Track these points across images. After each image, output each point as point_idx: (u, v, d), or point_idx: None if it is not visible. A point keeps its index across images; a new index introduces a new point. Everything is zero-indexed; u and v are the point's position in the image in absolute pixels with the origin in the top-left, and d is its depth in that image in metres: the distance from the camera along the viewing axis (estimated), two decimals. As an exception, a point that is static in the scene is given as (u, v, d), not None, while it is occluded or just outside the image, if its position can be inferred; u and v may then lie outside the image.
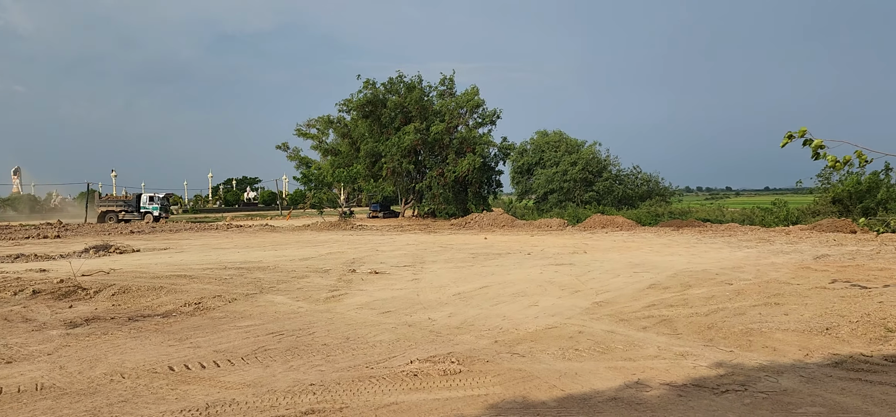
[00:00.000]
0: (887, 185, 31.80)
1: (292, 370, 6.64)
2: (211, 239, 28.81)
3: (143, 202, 49.43)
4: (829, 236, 24.58)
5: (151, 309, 10.17)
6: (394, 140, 46.00)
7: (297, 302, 10.92)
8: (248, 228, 38.44)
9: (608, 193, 45.62)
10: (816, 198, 35.13)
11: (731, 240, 23.60)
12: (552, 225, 34.53)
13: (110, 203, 50.20)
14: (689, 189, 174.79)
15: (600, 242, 23.89)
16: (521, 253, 19.53)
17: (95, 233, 33.48)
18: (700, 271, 14.30)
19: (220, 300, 10.96)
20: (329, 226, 38.79)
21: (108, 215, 48.31)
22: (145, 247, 23.35)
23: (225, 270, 15.41)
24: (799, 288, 11.58)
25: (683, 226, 31.67)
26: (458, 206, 46.87)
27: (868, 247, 19.47)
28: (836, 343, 7.52)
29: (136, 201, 49.76)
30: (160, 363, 6.92)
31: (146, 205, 49.22)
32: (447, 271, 15.18)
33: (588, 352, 7.24)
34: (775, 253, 18.18)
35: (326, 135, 55.80)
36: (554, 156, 47.28)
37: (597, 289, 11.97)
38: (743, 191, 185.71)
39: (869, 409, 5.27)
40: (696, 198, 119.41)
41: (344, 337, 8.17)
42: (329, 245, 24.01)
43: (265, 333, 8.40)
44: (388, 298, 11.24)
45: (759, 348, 7.34)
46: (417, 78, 48.39)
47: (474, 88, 48.19)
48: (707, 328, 8.40)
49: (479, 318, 9.32)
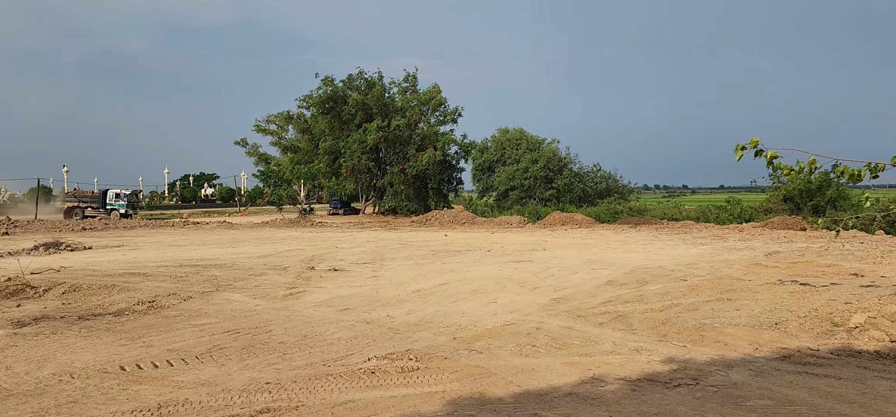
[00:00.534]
0: (837, 185, 32.75)
1: (248, 368, 6.56)
2: (166, 236, 28.27)
3: (109, 198, 48.58)
4: (780, 233, 25.23)
5: (103, 308, 9.93)
6: (355, 137, 45.72)
7: (255, 299, 10.79)
8: (205, 225, 37.82)
9: (568, 191, 46.06)
10: (769, 197, 36.04)
11: (687, 238, 24.06)
12: (512, 222, 34.74)
13: (76, 198, 49.20)
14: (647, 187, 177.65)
15: (560, 239, 24.12)
16: (480, 251, 19.61)
17: (46, 230, 32.55)
18: (656, 268, 14.54)
19: (175, 298, 10.77)
20: (288, 224, 38.38)
21: (74, 211, 47.34)
22: (98, 245, 22.80)
23: (180, 268, 15.14)
24: (750, 284, 11.86)
25: (641, 224, 32.18)
26: (418, 203, 46.82)
27: (817, 244, 20.04)
28: (785, 337, 7.73)
29: (102, 197, 48.88)
30: (111, 362, 6.77)
31: (112, 201, 48.40)
32: (407, 268, 15.17)
33: (545, 348, 7.31)
34: (729, 250, 18.59)
35: (286, 132, 55.21)
36: (515, 154, 47.54)
37: (555, 286, 12.08)
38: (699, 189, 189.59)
39: (814, 401, 5.43)
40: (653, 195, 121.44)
41: (301, 334, 8.10)
42: (288, 242, 23.77)
43: (221, 331, 8.28)
44: (346, 295, 11.18)
45: (711, 343, 7.50)
46: (378, 74, 48.20)
47: (436, 87, 48.18)
48: (661, 323, 8.55)
49: (437, 315, 9.34)
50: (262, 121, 56.12)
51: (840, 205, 32.03)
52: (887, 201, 27.72)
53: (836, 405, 5.33)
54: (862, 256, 16.35)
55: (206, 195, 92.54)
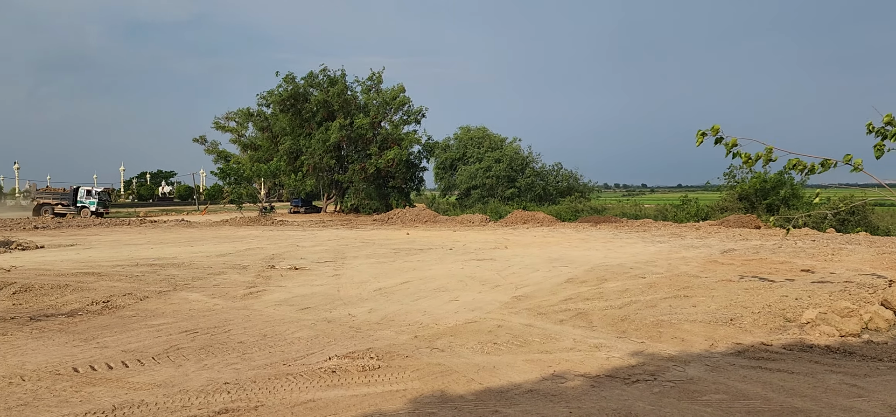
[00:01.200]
0: (791, 182, 33.62)
1: (206, 369, 6.45)
2: (122, 235, 27.66)
3: (80, 195, 47.50)
4: (735, 231, 25.80)
5: (55, 309, 9.68)
6: (317, 135, 45.32)
7: (213, 299, 10.63)
8: (162, 224, 37.13)
9: (530, 189, 46.37)
10: (724, 195, 36.80)
11: (646, 236, 24.44)
12: (474, 220, 34.86)
13: (46, 195, 48.24)
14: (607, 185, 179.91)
15: (521, 237, 24.28)
16: (442, 249, 19.62)
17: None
18: (616, 265, 14.73)
19: (131, 298, 10.54)
20: (248, 222, 37.89)
21: (44, 208, 46.45)
22: (50, 244, 22.20)
23: (137, 267, 14.83)
24: (707, 281, 12.10)
25: (601, 222, 32.59)
26: (380, 202, 46.65)
27: (771, 242, 20.53)
28: (740, 333, 7.90)
29: (72, 195, 47.82)
30: (64, 364, 6.60)
31: (83, 199, 47.41)
32: (368, 267, 15.10)
33: (506, 346, 7.34)
34: (686, 248, 18.94)
35: (246, 129, 54.47)
36: (477, 153, 47.67)
37: (516, 284, 12.16)
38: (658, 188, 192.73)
39: (768, 395, 5.55)
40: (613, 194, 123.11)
41: (261, 334, 8.01)
42: (248, 241, 23.47)
43: (178, 331, 8.13)
44: (307, 294, 11.08)
45: (669, 339, 7.63)
46: (341, 72, 47.86)
47: (400, 86, 48.01)
48: (621, 320, 8.66)
49: (399, 314, 9.31)
50: (222, 118, 55.32)
51: (793, 204, 32.88)
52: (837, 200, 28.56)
53: (789, 398, 5.47)
54: (814, 253, 16.81)
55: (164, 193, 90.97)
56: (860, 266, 14.24)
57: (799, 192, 33.99)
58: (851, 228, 27.44)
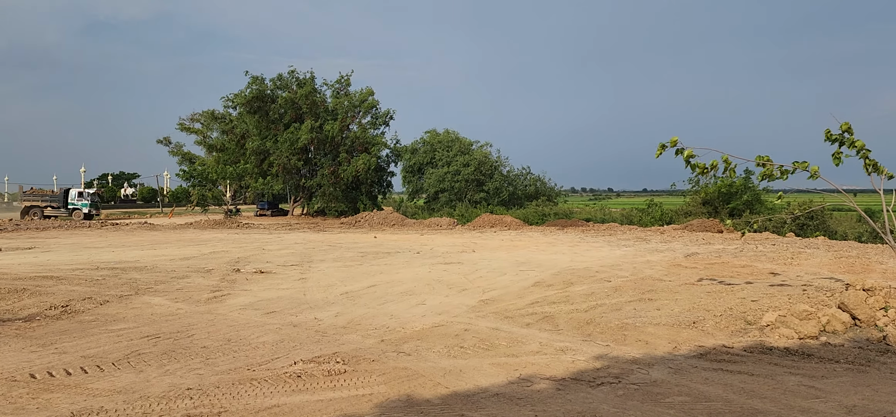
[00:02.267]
0: (753, 189, 34.27)
1: (168, 374, 6.34)
2: (83, 237, 27.07)
3: (71, 197, 46.40)
4: (699, 235, 26.22)
5: (11, 313, 9.42)
6: (285, 136, 44.93)
7: (176, 303, 10.45)
8: (124, 226, 36.43)
9: (498, 193, 46.58)
10: (688, 200, 37.39)
11: (612, 239, 24.70)
12: (442, 224, 34.89)
13: (35, 197, 46.70)
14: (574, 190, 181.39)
15: (489, 241, 24.36)
16: (410, 252, 19.59)
17: (-51, 231, 30.67)
18: (582, 269, 14.86)
19: (91, 302, 10.32)
20: (213, 225, 37.39)
21: (33, 210, 45.07)
22: (7, 247, 21.63)
23: (97, 271, 14.53)
24: (670, 284, 12.27)
25: (568, 226, 32.85)
26: (348, 205, 46.45)
27: (733, 246, 20.91)
28: (702, 335, 8.02)
29: (63, 196, 46.55)
30: (20, 370, 6.43)
31: (75, 200, 46.25)
32: (335, 270, 15.00)
33: (473, 350, 7.36)
34: (651, 252, 19.18)
35: (211, 131, 53.80)
36: (445, 156, 47.73)
37: (483, 288, 12.19)
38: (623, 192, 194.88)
39: (729, 397, 5.65)
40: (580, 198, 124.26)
41: (225, 338, 7.90)
42: (213, 244, 23.15)
43: (140, 336, 7.98)
44: (273, 298, 10.97)
45: (633, 342, 7.72)
46: (310, 74, 47.53)
47: (369, 89, 47.86)
48: (586, 323, 8.74)
49: (366, 317, 9.27)
50: (187, 119, 54.67)
51: (756, 209, 33.53)
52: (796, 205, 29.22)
53: (749, 400, 5.56)
54: (774, 257, 17.15)
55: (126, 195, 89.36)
56: (819, 269, 14.58)
57: (762, 197, 34.69)
58: (810, 232, 28.11)
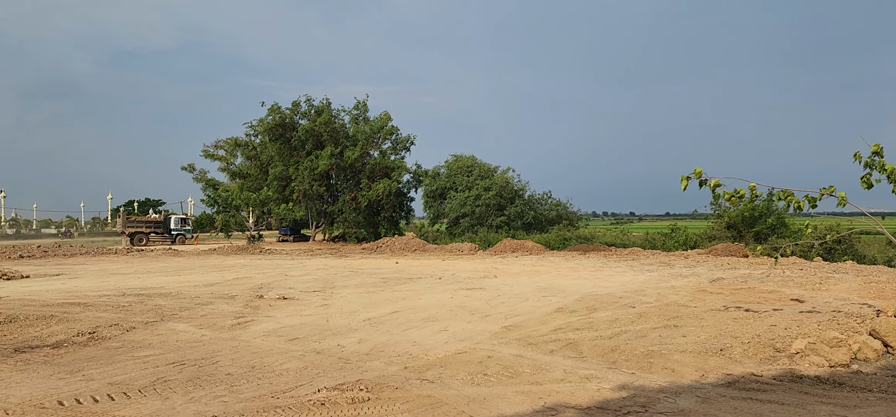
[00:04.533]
0: (777, 213, 33.82)
1: (193, 401, 6.37)
2: (109, 264, 27.42)
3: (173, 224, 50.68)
4: (723, 260, 25.90)
5: (40, 340, 9.55)
6: (306, 163, 45.33)
7: (201, 329, 10.52)
8: (150, 252, 36.83)
9: (519, 218, 46.46)
10: (712, 224, 36.97)
11: (635, 264, 24.49)
12: (463, 249, 34.83)
13: (140, 224, 49.83)
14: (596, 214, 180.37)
15: (510, 266, 24.27)
16: (432, 278, 19.57)
17: (-20, 258, 31.25)
18: (605, 294, 14.74)
19: (117, 329, 10.43)
20: (236, 250, 37.70)
21: (137, 236, 47.86)
22: (36, 273, 21.98)
23: (123, 297, 14.69)
24: (696, 310, 12.12)
25: (590, 250, 32.64)
26: (369, 230, 46.58)
27: (759, 271, 20.62)
28: (730, 363, 7.90)
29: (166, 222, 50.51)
30: (48, 397, 6.50)
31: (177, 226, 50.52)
32: (357, 296, 15.03)
33: (496, 377, 7.30)
34: (675, 277, 18.98)
35: (234, 157, 54.44)
36: (466, 181, 47.76)
37: (506, 313, 12.12)
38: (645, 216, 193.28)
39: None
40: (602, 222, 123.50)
41: (249, 365, 7.93)
42: (236, 270, 23.32)
43: (165, 363, 8.04)
44: (296, 325, 11.00)
45: (660, 369, 7.62)
46: (326, 101, 47.96)
47: (386, 115, 48.17)
48: (611, 350, 8.65)
49: (389, 344, 9.25)
50: (211, 146, 55.41)
51: (781, 232, 33.07)
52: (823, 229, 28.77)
53: (780, 429, 5.46)
54: (802, 282, 16.89)
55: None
56: (848, 295, 14.32)
57: (786, 221, 34.21)
58: (838, 257, 27.64)
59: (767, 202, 33.20)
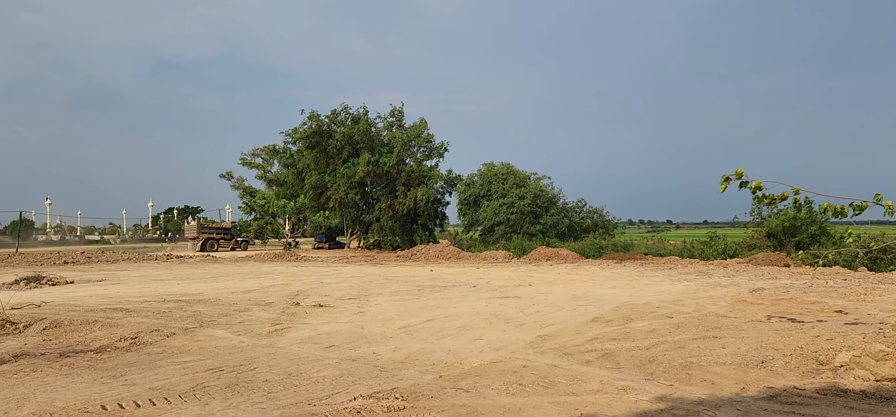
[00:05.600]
0: (820, 221, 33.06)
1: (232, 408, 6.46)
2: (150, 270, 27.98)
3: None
4: (764, 269, 25.40)
5: (84, 345, 9.78)
6: (342, 171, 45.73)
7: (239, 336, 10.67)
8: (188, 259, 37.49)
9: (553, 226, 46.19)
10: (752, 232, 36.30)
11: (672, 273, 24.15)
12: (498, 257, 34.74)
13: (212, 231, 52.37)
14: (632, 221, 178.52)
15: (545, 275, 24.13)
16: (466, 286, 19.56)
17: (27, 264, 32.15)
18: (642, 304, 14.56)
19: (158, 334, 10.63)
20: (273, 257, 38.17)
21: (210, 242, 50.43)
22: (80, 279, 22.53)
23: (164, 303, 14.98)
24: (736, 321, 11.90)
25: (626, 259, 32.29)
26: (404, 238, 46.74)
27: (801, 281, 20.17)
28: (771, 376, 7.74)
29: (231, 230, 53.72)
30: (92, 401, 6.65)
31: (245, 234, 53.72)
32: (392, 304, 15.09)
33: (532, 387, 7.27)
34: (713, 286, 18.67)
35: (271, 165, 55.15)
36: (501, 189, 47.67)
37: (541, 323, 12.06)
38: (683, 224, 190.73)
39: (802, 442, 5.42)
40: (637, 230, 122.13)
41: (286, 372, 8.01)
42: (272, 277, 23.60)
43: (204, 369, 8.17)
44: (332, 332, 11.09)
45: (698, 381, 7.50)
46: (362, 109, 48.37)
47: (423, 122, 48.40)
48: (648, 361, 8.54)
49: (424, 352, 9.27)
50: (248, 154, 56.16)
51: (823, 241, 32.31)
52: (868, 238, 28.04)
53: (824, 445, 5.33)
54: (845, 293, 16.47)
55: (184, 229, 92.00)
56: (894, 306, 13.92)
57: (828, 229, 33.41)
58: (884, 267, 26.90)
59: (809, 210, 32.50)
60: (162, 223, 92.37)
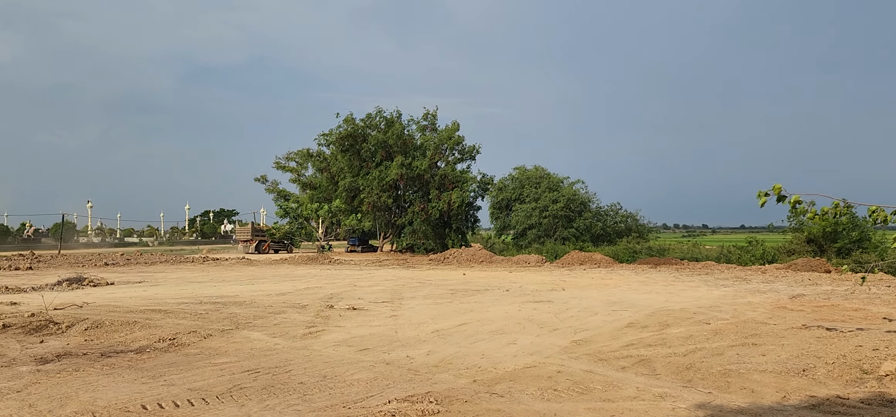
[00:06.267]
0: (862, 226, 32.21)
1: (268, 409, 6.52)
2: (187, 272, 28.44)
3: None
4: (804, 275, 24.87)
5: (125, 345, 9.97)
6: (375, 174, 45.98)
7: (274, 338, 10.78)
8: (224, 261, 38.02)
9: (587, 230, 45.80)
10: (791, 238, 35.55)
11: (709, 279, 23.78)
12: (530, 261, 34.58)
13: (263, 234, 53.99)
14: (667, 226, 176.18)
15: (578, 279, 23.94)
16: (499, 290, 19.50)
17: (69, 265, 32.91)
18: (678, 310, 14.36)
19: (195, 336, 10.79)
20: (306, 260, 38.51)
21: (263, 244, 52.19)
22: (120, 280, 22.98)
23: (201, 305, 15.19)
24: (776, 328, 11.66)
25: (661, 264, 31.88)
26: (436, 241, 46.80)
27: (843, 287, 19.70)
28: (814, 384, 7.56)
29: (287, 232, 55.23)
30: (133, 401, 6.76)
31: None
32: (425, 307, 15.10)
33: (567, 393, 7.20)
34: (752, 293, 18.33)
35: (305, 169, 55.71)
36: (534, 192, 47.44)
37: (575, 328, 11.96)
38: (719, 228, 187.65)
39: (846, 453, 5.28)
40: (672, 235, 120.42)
41: (321, 375, 8.06)
42: (306, 280, 23.80)
43: (241, 371, 8.26)
44: (366, 335, 11.13)
45: (738, 389, 7.35)
46: (396, 113, 48.59)
47: (455, 124, 48.49)
48: (685, 368, 8.40)
49: (457, 356, 9.25)
50: (282, 158, 56.78)
51: (865, 247, 31.48)
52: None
53: (870, 457, 5.18)
54: (889, 300, 16.04)
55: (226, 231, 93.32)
56: (941, 314, 13.51)
57: (870, 235, 32.55)
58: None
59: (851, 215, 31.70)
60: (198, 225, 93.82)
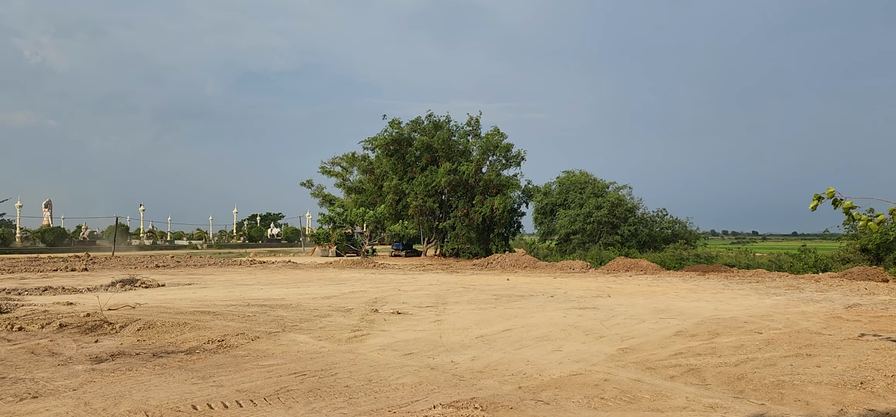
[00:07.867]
0: None
1: (314, 412, 6.58)
2: (234, 274, 28.96)
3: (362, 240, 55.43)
4: (860, 284, 24.07)
5: (175, 346, 10.19)
6: (421, 178, 46.15)
7: (320, 341, 10.89)
8: (271, 265, 38.62)
9: (632, 236, 45.14)
10: (845, 246, 34.48)
11: (759, 287, 23.20)
12: (575, 267, 34.25)
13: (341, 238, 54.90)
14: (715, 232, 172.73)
15: (624, 286, 23.62)
16: (543, 296, 19.36)
17: (122, 267, 33.85)
18: (728, 318, 14.04)
19: (243, 337, 10.97)
20: (351, 264, 38.85)
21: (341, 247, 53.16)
22: (170, 282, 23.53)
23: (248, 307, 15.45)
24: (831, 338, 11.31)
25: (710, 271, 31.23)
26: (480, 246, 46.73)
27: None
28: (872, 398, 7.30)
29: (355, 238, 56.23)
30: (184, 401, 6.91)
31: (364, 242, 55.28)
32: (470, 312, 15.07)
33: (614, 401, 7.10)
34: (805, 302, 17.82)
35: (350, 173, 56.25)
36: (578, 198, 46.98)
37: (622, 335, 11.79)
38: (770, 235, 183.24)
39: (909, 470, 5.08)
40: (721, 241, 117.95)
41: (366, 378, 8.11)
42: (351, 284, 24.01)
43: (287, 373, 8.37)
44: (410, 339, 11.16)
45: (792, 401, 7.15)
46: (445, 117, 48.67)
47: (496, 130, 48.39)
48: (737, 378, 8.21)
49: (502, 362, 9.21)
50: (328, 162, 57.52)
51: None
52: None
53: (934, 475, 4.97)
54: (952, 311, 15.41)
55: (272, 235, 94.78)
56: None
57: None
58: None
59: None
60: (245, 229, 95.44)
